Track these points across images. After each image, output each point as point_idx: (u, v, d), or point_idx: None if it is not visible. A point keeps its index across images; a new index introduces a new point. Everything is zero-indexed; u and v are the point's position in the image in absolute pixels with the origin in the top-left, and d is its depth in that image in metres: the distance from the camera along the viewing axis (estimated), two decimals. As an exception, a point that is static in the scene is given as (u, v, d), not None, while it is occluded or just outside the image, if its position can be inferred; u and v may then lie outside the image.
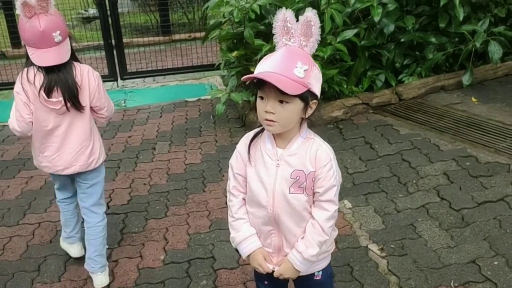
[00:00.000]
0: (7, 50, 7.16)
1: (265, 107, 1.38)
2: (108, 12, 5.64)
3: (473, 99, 4.20)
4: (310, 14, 1.37)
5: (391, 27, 4.21)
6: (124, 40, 6.06)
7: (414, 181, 3.06)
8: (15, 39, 6.81)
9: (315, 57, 3.97)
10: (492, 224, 2.58)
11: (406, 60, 4.50)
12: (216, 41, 4.87)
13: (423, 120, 3.89)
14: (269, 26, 4.11)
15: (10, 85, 5.07)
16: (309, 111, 1.43)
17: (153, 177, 3.53)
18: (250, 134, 1.55)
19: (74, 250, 2.62)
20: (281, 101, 1.36)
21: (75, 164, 2.31)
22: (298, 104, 1.38)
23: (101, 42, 5.96)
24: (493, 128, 3.63)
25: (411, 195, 2.94)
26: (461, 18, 4.19)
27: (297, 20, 1.39)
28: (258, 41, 3.95)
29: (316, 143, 1.49)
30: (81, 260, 2.55)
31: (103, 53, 5.93)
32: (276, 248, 1.56)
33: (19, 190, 3.43)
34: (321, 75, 1.43)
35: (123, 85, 5.96)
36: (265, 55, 4.40)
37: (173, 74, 6.13)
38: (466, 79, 4.36)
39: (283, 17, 1.39)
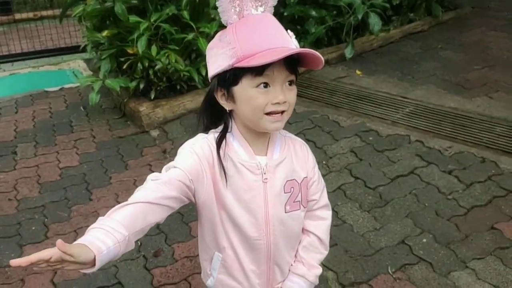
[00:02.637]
0: None
1: (277, 96, 1.01)
2: None
3: (358, 72, 4.23)
4: None
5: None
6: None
7: (324, 162, 2.92)
8: None
9: (201, 34, 3.60)
10: (410, 200, 2.54)
11: (289, 35, 4.37)
12: (75, 19, 4.16)
13: (316, 96, 3.79)
14: (144, 0, 3.60)
15: None
16: None
17: (20, 189, 2.86)
18: (209, 137, 1.10)
19: None
20: (291, 82, 1.04)
21: None
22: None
23: None
24: (384, 100, 3.67)
25: (325, 178, 2.72)
26: (340, -10, 4.18)
27: None
28: (133, 18, 3.42)
29: (296, 140, 1.19)
30: None
31: None
32: (266, 285, 1.20)
33: None
34: None
35: (-42, 76, 4.87)
36: (143, 33, 3.81)
37: (23, 60, 5.19)
38: (348, 52, 4.39)
39: None
